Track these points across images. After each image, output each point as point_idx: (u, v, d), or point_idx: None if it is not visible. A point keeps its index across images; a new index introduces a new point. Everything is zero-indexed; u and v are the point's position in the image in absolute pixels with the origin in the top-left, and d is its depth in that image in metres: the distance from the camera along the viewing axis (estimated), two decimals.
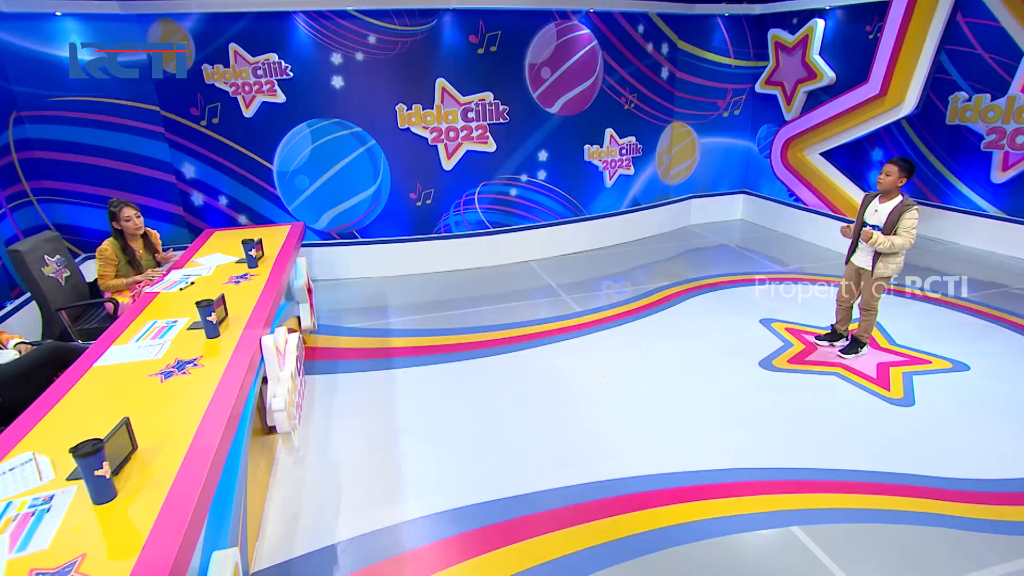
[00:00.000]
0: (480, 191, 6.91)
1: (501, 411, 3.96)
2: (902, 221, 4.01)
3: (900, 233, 4.03)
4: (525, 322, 5.32)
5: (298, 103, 6.25)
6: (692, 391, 4.13)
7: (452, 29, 6.27)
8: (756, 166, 8.49)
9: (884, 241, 4.00)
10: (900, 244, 4.02)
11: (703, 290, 5.95)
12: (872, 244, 4.03)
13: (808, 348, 4.71)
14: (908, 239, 4.01)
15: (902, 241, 4.01)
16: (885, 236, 4.03)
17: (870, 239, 4.02)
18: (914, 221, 4.01)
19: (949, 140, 7.35)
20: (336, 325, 5.40)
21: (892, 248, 4.03)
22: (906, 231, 4.01)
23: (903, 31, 6.05)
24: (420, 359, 4.71)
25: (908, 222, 4.01)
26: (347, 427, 3.85)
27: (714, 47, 7.92)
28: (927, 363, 4.42)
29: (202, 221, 6.68)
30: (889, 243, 4.01)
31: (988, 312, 5.27)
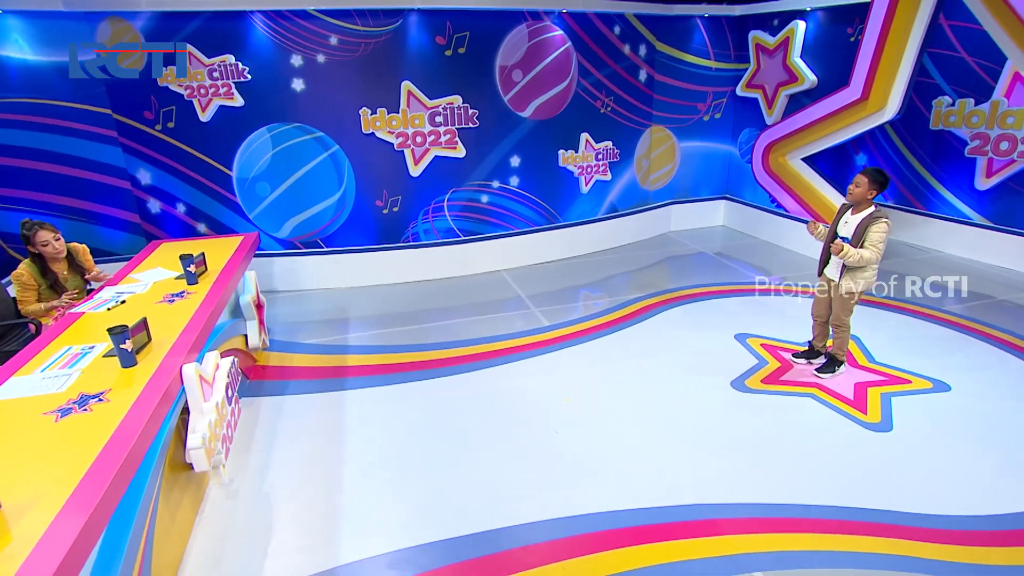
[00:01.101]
0: (450, 198, 6.66)
1: (452, 439, 3.71)
2: (869, 233, 3.81)
3: (867, 246, 3.82)
4: (490, 337, 5.07)
5: (257, 107, 5.97)
6: (659, 414, 3.90)
7: (418, 30, 6.02)
8: (738, 171, 8.29)
9: (853, 254, 3.79)
10: (868, 257, 3.81)
11: (678, 302, 5.73)
12: (841, 257, 3.83)
13: (784, 366, 4.48)
14: (876, 252, 3.81)
15: (870, 254, 3.81)
16: (855, 249, 3.82)
17: (840, 251, 3.82)
18: (882, 234, 3.80)
19: (933, 145, 7.17)
20: (291, 341, 5.13)
21: (861, 261, 3.82)
22: (873, 244, 3.81)
23: (884, 34, 5.85)
24: (375, 379, 4.45)
25: (875, 235, 3.80)
26: (289, 455, 3.59)
27: (693, 49, 7.71)
28: (907, 382, 4.21)
29: (160, 229, 6.40)
30: (858, 256, 3.80)
31: (971, 326, 5.07)
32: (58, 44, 5.55)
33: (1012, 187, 6.44)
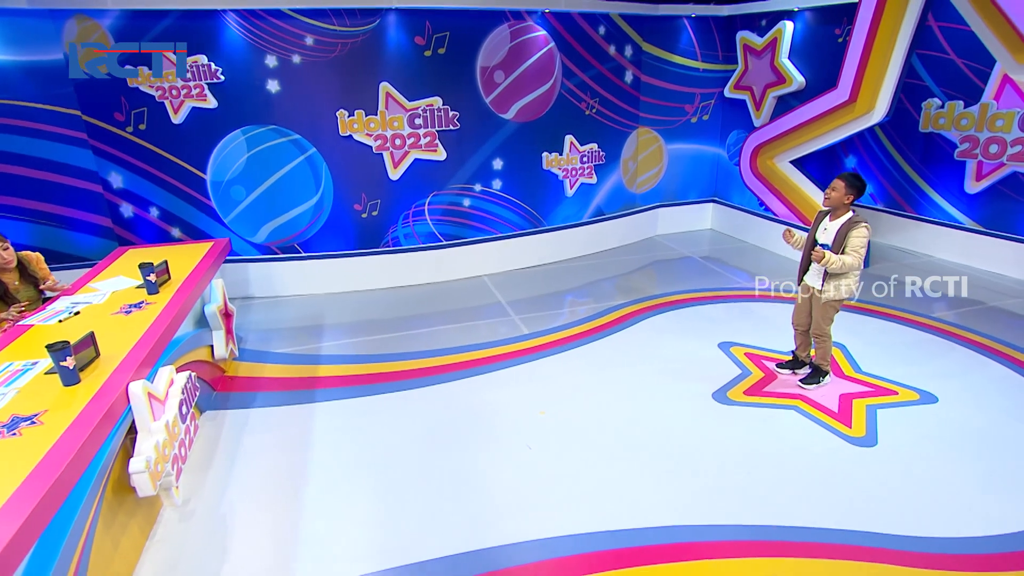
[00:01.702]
0: (431, 202, 6.51)
1: (420, 455, 3.56)
2: (849, 239, 3.72)
3: (848, 252, 3.72)
4: (467, 346, 4.93)
5: (231, 109, 5.81)
6: (637, 428, 3.76)
7: (396, 30, 5.87)
8: (726, 174, 8.17)
9: (835, 261, 3.70)
10: (851, 263, 3.72)
11: (661, 309, 5.59)
12: (824, 264, 3.73)
13: (768, 376, 4.35)
14: (858, 258, 3.71)
15: (852, 260, 3.72)
16: (837, 255, 3.71)
17: (822, 259, 3.71)
18: (862, 239, 3.71)
19: (923, 148, 7.06)
20: (263, 350, 4.97)
21: (844, 268, 3.73)
22: (854, 250, 3.71)
23: (872, 35, 5.73)
24: (345, 391, 4.30)
25: (856, 240, 3.70)
26: (250, 473, 3.43)
27: (681, 50, 7.59)
28: (893, 394, 4.09)
29: (133, 234, 6.23)
30: (840, 262, 3.70)
31: (961, 334, 4.95)
32: (23, 43, 5.38)
33: (1002, 191, 6.34)
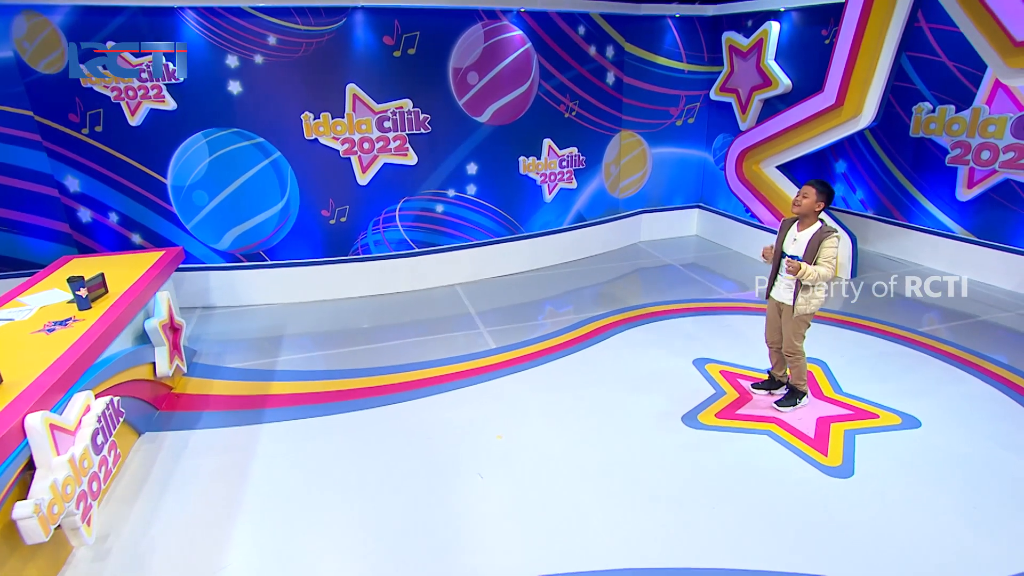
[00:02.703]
0: (402, 208, 6.27)
1: (364, 484, 3.32)
2: (822, 249, 3.51)
3: (821, 263, 3.51)
4: (429, 362, 4.69)
5: (191, 111, 5.57)
6: (598, 456, 3.52)
7: (364, 29, 5.63)
8: (712, 179, 7.93)
9: (811, 272, 3.48)
10: (825, 274, 3.51)
11: (636, 322, 5.35)
12: (800, 276, 3.51)
13: (743, 397, 4.12)
14: (830, 269, 3.51)
15: (826, 271, 3.51)
16: (811, 266, 3.50)
17: (798, 271, 3.48)
18: (834, 250, 3.51)
19: (913, 154, 6.83)
20: (215, 365, 4.74)
21: (818, 279, 3.52)
22: (827, 260, 3.51)
23: (859, 36, 5.50)
24: (296, 411, 4.06)
25: (828, 250, 3.50)
26: (180, 504, 3.20)
27: (665, 51, 7.35)
28: (874, 417, 3.85)
29: (92, 240, 5.99)
30: (815, 274, 3.49)
31: (947, 350, 4.71)
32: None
33: (994, 199, 6.10)
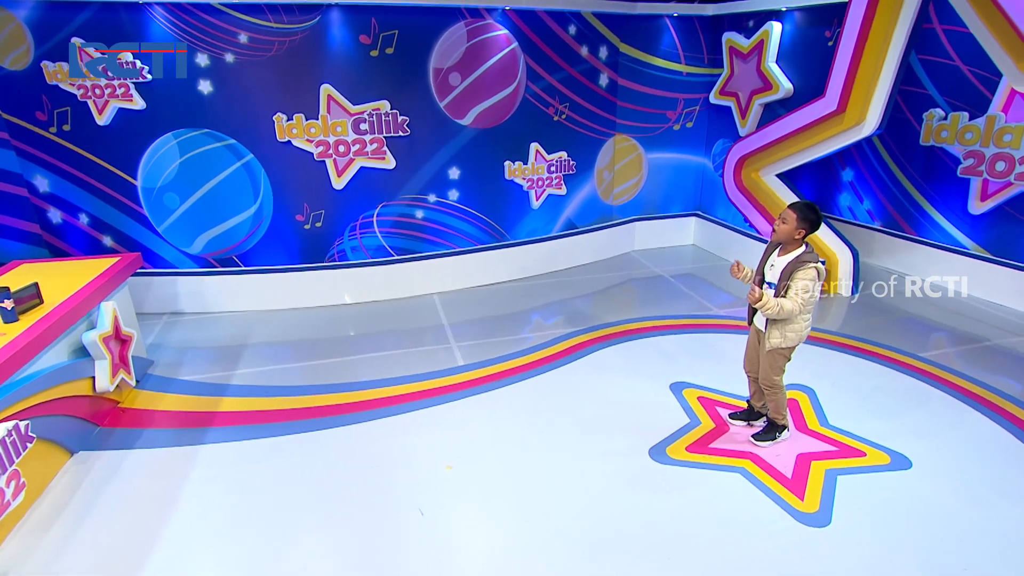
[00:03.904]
0: (380, 213, 6.03)
1: (296, 518, 3.08)
2: (793, 280, 3.16)
3: (789, 295, 3.17)
4: (391, 379, 4.44)
5: (160, 110, 5.39)
6: (553, 493, 3.25)
7: (339, 28, 5.40)
8: (711, 186, 7.58)
9: (772, 305, 3.15)
10: (788, 309, 3.15)
11: (616, 339, 5.05)
12: (759, 307, 3.19)
13: (719, 427, 3.81)
14: (797, 304, 3.15)
15: (791, 305, 3.15)
16: (775, 298, 3.18)
17: (756, 300, 3.17)
18: (807, 282, 3.15)
19: (923, 163, 6.43)
20: (169, 377, 4.54)
21: (781, 313, 3.17)
22: (796, 293, 3.15)
23: (862, 39, 5.14)
24: (243, 430, 3.84)
25: (800, 283, 3.15)
26: (97, 534, 2.99)
27: (662, 52, 7.02)
28: (860, 455, 3.52)
29: (63, 241, 5.86)
30: (777, 307, 3.15)
31: (951, 380, 4.35)
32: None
33: (1009, 213, 5.70)
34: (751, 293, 3.18)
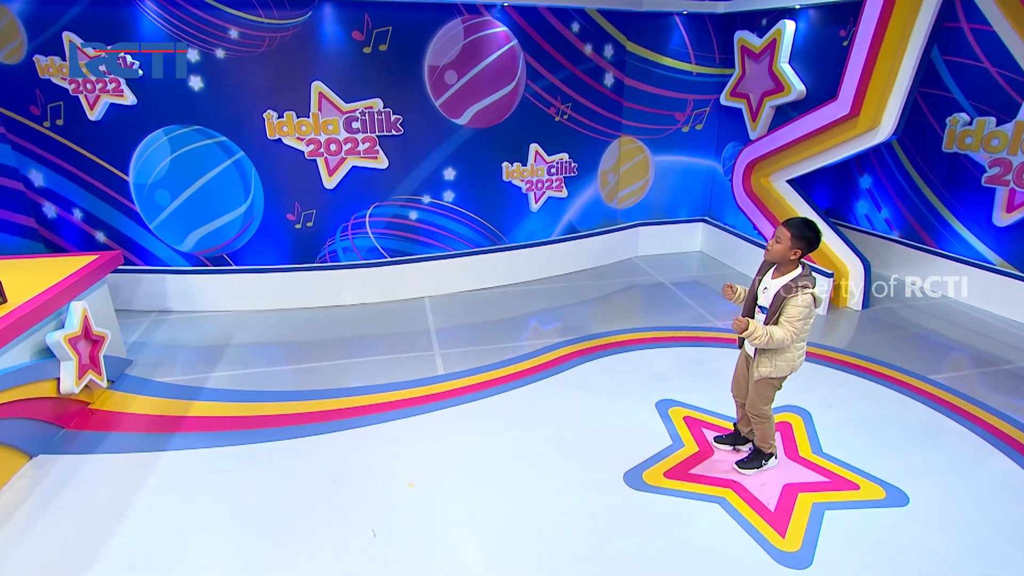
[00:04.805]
0: (372, 214, 5.90)
1: (244, 534, 2.95)
2: (786, 306, 2.88)
3: (781, 322, 2.90)
4: (367, 387, 4.30)
5: (151, 106, 5.33)
6: (514, 519, 3.06)
7: (331, 24, 5.28)
8: (721, 191, 7.29)
9: (760, 335, 2.86)
10: (780, 338, 2.87)
11: (605, 351, 4.83)
12: (746, 336, 2.92)
13: (702, 451, 3.58)
14: (790, 332, 2.88)
15: (782, 334, 2.87)
16: (764, 326, 2.90)
17: (743, 329, 2.88)
18: (802, 309, 2.87)
19: (947, 170, 6.06)
20: (145, 378, 4.46)
21: (771, 343, 2.89)
22: (789, 320, 2.88)
23: (878, 38, 4.83)
24: (208, 437, 3.73)
25: (793, 309, 2.87)
26: (39, 545, 2.89)
27: (671, 51, 6.75)
28: (853, 488, 3.26)
29: (58, 236, 5.85)
30: (767, 336, 2.87)
31: (964, 408, 4.03)
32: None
33: None
34: (737, 321, 2.90)
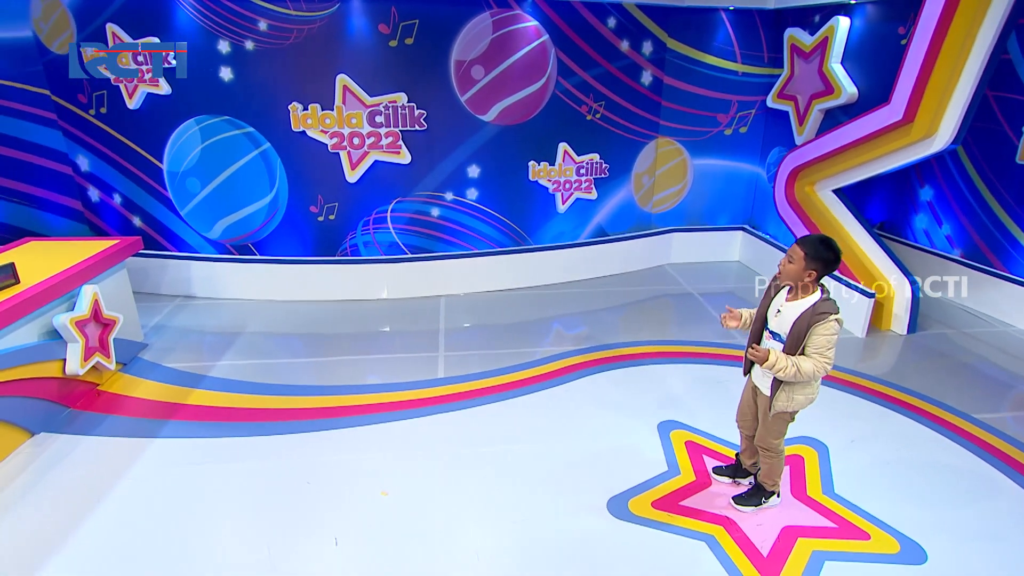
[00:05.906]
0: (394, 209, 5.86)
1: (207, 533, 2.92)
2: (812, 336, 2.56)
3: (809, 354, 2.58)
4: (363, 387, 4.24)
5: (184, 96, 5.46)
6: (482, 541, 2.90)
7: (358, 16, 5.24)
8: (764, 198, 6.86)
9: (787, 367, 2.55)
10: (808, 372, 2.56)
11: (616, 364, 4.59)
12: (769, 368, 2.60)
13: (699, 481, 3.32)
14: (821, 365, 2.56)
15: (811, 367, 2.56)
16: (788, 357, 2.59)
17: (764, 361, 2.58)
18: (832, 338, 2.55)
19: (1020, 185, 5.45)
20: (155, 362, 4.56)
21: (798, 376, 2.59)
22: (818, 351, 2.56)
23: (939, 36, 4.37)
24: (200, 427, 3.76)
25: (821, 339, 2.55)
26: (20, 522, 2.96)
27: (716, 49, 6.38)
28: (863, 538, 2.93)
29: (100, 219, 6.12)
30: (794, 369, 2.56)
31: (1009, 453, 3.58)
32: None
33: None
34: (753, 351, 2.60)
